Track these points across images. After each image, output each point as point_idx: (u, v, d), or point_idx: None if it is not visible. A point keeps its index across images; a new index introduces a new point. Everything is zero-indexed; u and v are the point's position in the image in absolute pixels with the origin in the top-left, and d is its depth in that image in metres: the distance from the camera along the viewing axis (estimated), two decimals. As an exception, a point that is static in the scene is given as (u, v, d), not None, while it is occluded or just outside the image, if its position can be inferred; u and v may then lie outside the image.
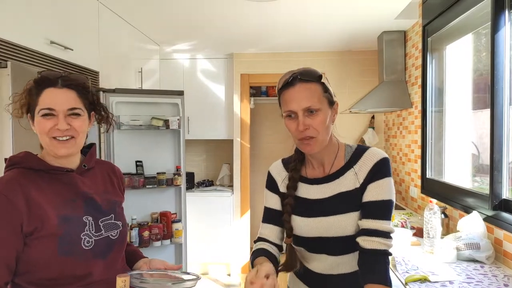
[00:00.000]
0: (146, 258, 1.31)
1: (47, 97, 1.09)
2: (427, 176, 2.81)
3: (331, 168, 1.20)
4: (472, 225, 1.95)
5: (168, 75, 4.23)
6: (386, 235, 1.11)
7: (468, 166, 2.55)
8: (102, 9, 2.71)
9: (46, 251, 1.05)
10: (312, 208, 1.18)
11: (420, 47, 2.93)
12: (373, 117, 4.13)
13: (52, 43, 2.10)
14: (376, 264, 1.09)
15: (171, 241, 2.89)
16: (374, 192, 1.13)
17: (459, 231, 2.02)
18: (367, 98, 3.34)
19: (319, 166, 1.23)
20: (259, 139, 5.10)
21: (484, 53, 2.39)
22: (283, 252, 1.24)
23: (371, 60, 4.04)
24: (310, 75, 1.14)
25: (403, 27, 3.32)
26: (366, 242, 1.10)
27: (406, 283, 1.62)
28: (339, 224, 1.15)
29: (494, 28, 1.85)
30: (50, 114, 1.09)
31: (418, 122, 2.98)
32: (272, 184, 1.29)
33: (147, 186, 2.79)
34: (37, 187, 1.09)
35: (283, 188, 1.25)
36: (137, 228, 2.73)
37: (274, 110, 4.91)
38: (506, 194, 1.86)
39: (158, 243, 2.81)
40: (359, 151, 1.20)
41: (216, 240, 4.23)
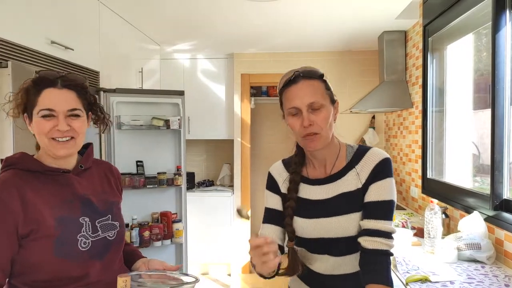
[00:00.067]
0: (144, 258, 1.30)
1: (47, 97, 1.08)
2: (427, 176, 2.81)
3: (332, 169, 1.20)
4: (473, 225, 1.95)
5: (169, 75, 4.23)
6: (387, 235, 1.11)
7: (469, 166, 2.55)
8: (103, 9, 2.71)
9: (42, 253, 1.04)
10: (313, 209, 1.18)
11: (420, 47, 2.93)
12: (373, 117, 4.13)
13: (52, 43, 2.10)
14: (378, 264, 1.09)
15: (171, 241, 2.89)
16: (376, 193, 1.13)
17: (460, 231, 2.02)
18: (367, 98, 3.34)
19: (321, 166, 1.22)
20: (259, 139, 5.10)
21: (484, 53, 2.39)
22: (285, 252, 1.23)
23: (372, 60, 4.04)
24: (312, 73, 1.15)
25: (404, 27, 3.32)
26: (368, 242, 1.10)
27: (406, 283, 1.62)
28: (341, 225, 1.14)
29: (495, 28, 1.85)
30: (50, 115, 1.07)
31: (419, 122, 2.98)
32: (273, 184, 1.28)
33: (147, 186, 2.79)
34: (33, 188, 1.07)
35: (284, 188, 1.24)
36: (137, 228, 2.73)
37: (274, 110, 4.90)
38: (507, 194, 1.86)
39: (159, 243, 2.81)
40: (360, 151, 1.20)
41: (216, 240, 4.23)
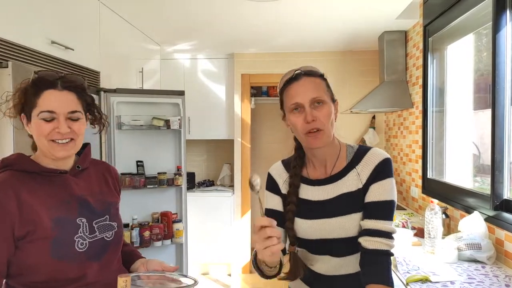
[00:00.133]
0: (143, 258, 1.29)
1: (47, 99, 1.07)
2: (428, 176, 2.80)
3: (333, 169, 1.19)
4: (473, 225, 1.95)
5: (169, 75, 4.23)
6: (388, 235, 1.10)
7: (469, 166, 2.55)
8: (103, 9, 2.71)
9: (39, 254, 1.04)
10: (314, 209, 1.17)
11: (421, 47, 2.93)
12: (374, 117, 4.13)
13: (53, 43, 2.10)
14: (378, 264, 1.09)
15: (171, 241, 2.89)
16: (376, 193, 1.12)
17: (460, 231, 2.02)
18: (368, 98, 3.34)
19: (321, 166, 1.21)
20: (259, 139, 5.10)
21: (485, 53, 2.39)
22: (287, 252, 1.21)
23: (372, 60, 4.04)
24: (313, 71, 1.17)
25: (404, 27, 3.32)
26: (368, 243, 1.10)
27: (407, 283, 1.62)
28: (343, 226, 1.14)
29: (495, 28, 1.85)
30: (51, 117, 1.07)
31: (419, 122, 2.98)
32: (273, 185, 1.27)
33: (148, 186, 2.79)
34: (30, 189, 1.07)
35: (285, 189, 1.24)
36: (138, 228, 2.73)
37: (274, 110, 4.90)
38: (507, 194, 1.86)
39: (159, 243, 2.81)
40: (361, 152, 1.19)
41: (216, 240, 4.22)
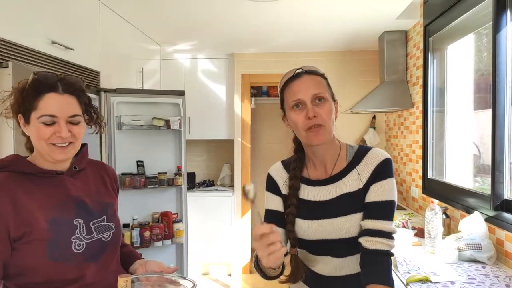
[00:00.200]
0: (142, 259, 1.29)
1: (48, 103, 1.06)
2: (428, 177, 2.80)
3: (333, 169, 1.19)
4: (474, 225, 1.95)
5: (169, 75, 4.23)
6: (388, 235, 1.10)
7: (469, 166, 2.55)
8: (103, 9, 2.71)
9: (35, 256, 1.04)
10: (315, 210, 1.17)
11: (421, 47, 2.93)
12: (374, 117, 4.13)
13: (53, 43, 2.10)
14: (379, 265, 1.09)
15: (172, 241, 2.89)
16: (377, 193, 1.12)
17: (460, 231, 2.02)
18: (368, 98, 3.34)
19: (321, 166, 1.21)
20: (260, 139, 5.10)
21: (485, 53, 2.39)
22: (288, 252, 1.20)
23: (372, 60, 4.04)
24: (314, 70, 1.18)
25: (404, 27, 3.32)
26: (369, 243, 1.09)
27: (407, 284, 1.62)
28: (344, 226, 1.13)
29: (496, 28, 1.85)
30: (51, 121, 1.06)
31: (419, 122, 2.98)
32: (273, 186, 1.26)
33: (148, 186, 2.79)
34: (26, 191, 1.07)
35: (285, 190, 1.24)
36: (138, 228, 2.73)
37: (275, 110, 4.90)
38: (507, 194, 1.86)
39: (159, 243, 2.81)
40: (361, 152, 1.19)
41: (217, 240, 4.23)
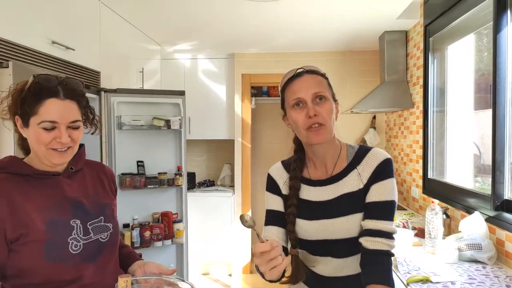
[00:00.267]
0: (141, 261, 1.29)
1: (49, 109, 1.05)
2: (428, 177, 2.80)
3: (334, 169, 1.19)
4: (474, 225, 1.95)
5: (169, 75, 4.23)
6: (389, 235, 1.10)
7: (470, 167, 2.55)
8: (103, 9, 2.71)
9: (32, 257, 1.04)
10: (315, 210, 1.16)
11: (421, 47, 2.93)
12: (374, 117, 4.13)
13: (53, 43, 2.10)
14: (379, 265, 1.08)
15: (172, 241, 2.89)
16: (377, 193, 1.12)
17: (460, 231, 2.02)
18: (368, 98, 3.34)
19: (322, 166, 1.21)
20: (260, 139, 5.10)
21: (485, 53, 2.39)
22: (288, 253, 1.20)
23: (373, 60, 4.04)
24: (315, 70, 1.18)
25: (405, 27, 3.32)
26: (369, 243, 1.09)
27: (407, 284, 1.62)
28: (345, 226, 1.13)
29: (496, 28, 1.85)
30: (52, 127, 1.06)
31: (420, 122, 2.98)
32: (273, 186, 1.26)
33: (148, 186, 2.79)
34: (22, 192, 1.07)
35: (285, 190, 1.23)
36: (138, 228, 2.73)
37: (275, 110, 4.90)
38: (508, 194, 1.86)
39: (160, 243, 2.81)
40: (362, 152, 1.19)
41: (217, 240, 4.22)
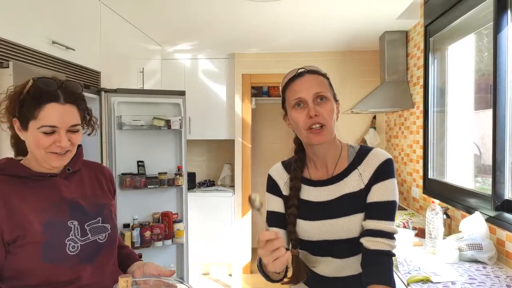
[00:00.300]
0: (140, 261, 1.28)
1: (49, 114, 1.05)
2: (429, 177, 2.80)
3: (334, 169, 1.19)
4: (474, 225, 1.95)
5: (170, 75, 4.23)
6: (390, 235, 1.10)
7: (470, 167, 2.55)
8: (104, 9, 2.72)
9: (29, 259, 1.04)
10: (316, 210, 1.16)
11: (422, 47, 2.93)
12: (374, 117, 4.12)
13: (54, 43, 2.10)
14: (380, 265, 1.08)
15: (172, 241, 2.89)
16: (378, 193, 1.12)
17: (461, 231, 2.02)
18: (368, 98, 3.34)
19: (322, 166, 1.20)
20: (260, 139, 5.10)
21: (486, 53, 2.39)
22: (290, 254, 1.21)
23: (373, 60, 4.04)
24: (316, 70, 1.18)
25: (405, 27, 3.32)
26: (370, 243, 1.09)
27: (408, 284, 1.62)
28: (346, 226, 1.13)
29: (497, 28, 1.85)
30: (52, 131, 1.06)
31: (420, 122, 2.97)
32: (274, 187, 1.26)
33: (148, 186, 2.79)
34: (19, 194, 1.07)
35: (286, 190, 1.23)
36: (138, 228, 2.73)
37: (275, 110, 4.90)
38: (508, 194, 1.86)
39: (160, 243, 2.81)
40: (362, 152, 1.19)
41: (217, 241, 4.23)
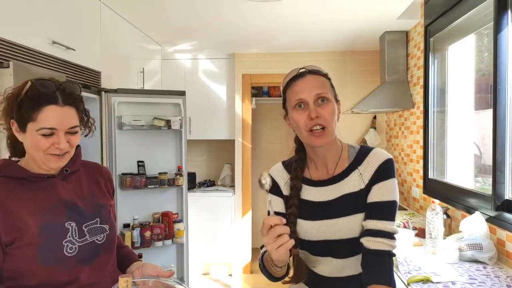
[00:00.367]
0: (139, 262, 1.28)
1: (48, 116, 1.05)
2: (429, 177, 2.80)
3: (335, 169, 1.19)
4: (475, 225, 1.95)
5: (170, 75, 4.23)
6: (390, 235, 1.10)
7: (470, 167, 2.55)
8: (104, 9, 2.72)
9: (27, 260, 1.04)
10: (317, 210, 1.16)
11: (422, 47, 2.93)
12: (374, 117, 4.13)
13: (54, 43, 2.10)
14: (380, 265, 1.08)
15: (172, 241, 2.89)
16: (379, 193, 1.12)
17: (461, 231, 2.02)
18: (369, 98, 3.34)
19: (323, 166, 1.20)
20: (260, 139, 5.10)
21: (486, 53, 2.39)
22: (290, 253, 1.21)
23: (373, 60, 4.04)
24: (318, 70, 1.18)
25: (405, 27, 3.32)
26: (370, 243, 1.09)
27: (408, 284, 1.62)
28: (346, 226, 1.13)
29: (497, 28, 1.85)
30: (50, 133, 1.06)
31: (420, 122, 2.97)
32: (274, 187, 1.25)
33: (149, 186, 2.79)
34: (17, 195, 1.07)
35: (286, 190, 1.23)
36: (139, 228, 2.73)
37: (275, 110, 4.90)
38: (508, 194, 1.86)
39: (160, 243, 2.81)
40: (363, 152, 1.19)
41: (217, 240, 4.23)
